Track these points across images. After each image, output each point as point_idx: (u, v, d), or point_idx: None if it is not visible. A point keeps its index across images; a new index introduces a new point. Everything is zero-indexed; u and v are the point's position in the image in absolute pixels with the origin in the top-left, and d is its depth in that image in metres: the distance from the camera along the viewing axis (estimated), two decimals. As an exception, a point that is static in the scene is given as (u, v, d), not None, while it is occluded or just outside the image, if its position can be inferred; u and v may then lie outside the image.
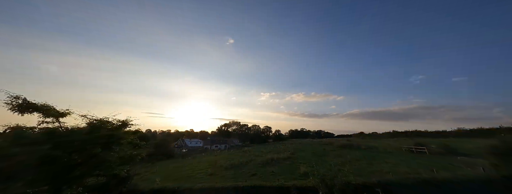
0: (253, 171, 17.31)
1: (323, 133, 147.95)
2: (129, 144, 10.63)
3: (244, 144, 78.39)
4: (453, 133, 44.04)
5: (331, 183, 8.35)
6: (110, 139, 9.50)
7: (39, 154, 7.29)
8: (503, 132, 22.92)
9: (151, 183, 13.44)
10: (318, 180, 8.79)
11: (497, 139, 13.26)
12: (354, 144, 35.12)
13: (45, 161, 7.54)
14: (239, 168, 19.67)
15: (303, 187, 9.77)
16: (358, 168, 15.84)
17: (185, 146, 68.66)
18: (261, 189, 10.23)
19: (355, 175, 10.87)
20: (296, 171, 16.28)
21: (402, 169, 14.97)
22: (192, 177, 17.13)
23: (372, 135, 64.93)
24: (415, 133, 50.95)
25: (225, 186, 10.79)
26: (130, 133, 10.70)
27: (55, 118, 8.52)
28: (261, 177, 14.93)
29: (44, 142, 7.74)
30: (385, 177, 10.28)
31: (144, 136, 25.80)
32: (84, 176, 8.49)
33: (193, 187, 11.01)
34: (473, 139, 32.18)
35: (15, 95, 7.77)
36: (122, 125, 10.11)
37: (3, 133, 8.17)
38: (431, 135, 45.26)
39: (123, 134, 10.08)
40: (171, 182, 14.92)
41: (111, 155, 9.32)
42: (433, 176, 10.52)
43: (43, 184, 7.45)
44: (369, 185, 9.40)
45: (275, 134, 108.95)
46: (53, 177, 7.58)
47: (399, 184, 9.53)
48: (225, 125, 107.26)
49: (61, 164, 7.92)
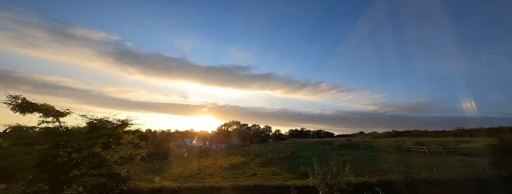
0: (253, 171, 17.33)
1: (323, 133, 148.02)
2: (129, 144, 10.65)
3: (244, 143, 78.48)
4: (452, 132, 44.07)
5: (331, 183, 8.36)
6: (110, 139, 9.53)
7: (39, 153, 7.30)
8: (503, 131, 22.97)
9: (151, 183, 13.45)
10: (318, 179, 8.80)
11: (497, 139, 13.28)
12: (354, 143, 35.16)
13: (45, 160, 7.56)
14: (239, 167, 19.68)
15: (303, 187, 9.79)
16: (358, 167, 15.85)
17: (185, 145, 68.67)
18: (261, 189, 10.25)
19: (355, 175, 10.89)
20: (296, 170, 16.29)
21: (401, 168, 14.98)
22: (192, 177, 17.15)
23: (372, 134, 64.95)
24: (415, 132, 50.99)
25: (225, 185, 10.80)
26: (130, 133, 10.70)
27: (55, 118, 8.51)
28: (261, 177, 14.95)
29: (44, 142, 7.75)
30: (385, 177, 10.29)
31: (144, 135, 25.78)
32: (84, 175, 8.50)
33: (193, 187, 11.03)
34: (473, 139, 32.22)
35: (14, 96, 7.77)
36: (122, 125, 10.12)
37: (4, 132, 8.17)
38: (431, 135, 45.33)
39: (123, 134, 10.10)
40: (171, 181, 14.94)
41: (111, 154, 9.33)
42: (433, 176, 10.54)
43: (43, 184, 7.45)
44: (369, 184, 9.43)
45: (275, 133, 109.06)
46: (53, 177, 7.59)
47: (399, 184, 9.55)
48: (225, 124, 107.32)
49: (61, 164, 7.93)
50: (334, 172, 8.69)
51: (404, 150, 26.61)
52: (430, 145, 24.76)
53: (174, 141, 72.43)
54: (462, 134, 40.35)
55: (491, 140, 14.26)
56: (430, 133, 47.38)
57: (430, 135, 45.45)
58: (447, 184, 9.49)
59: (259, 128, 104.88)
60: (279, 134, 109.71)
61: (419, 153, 23.64)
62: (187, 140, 74.21)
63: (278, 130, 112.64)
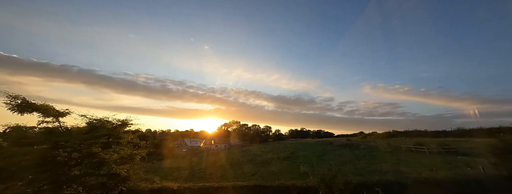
0: (253, 171, 17.33)
1: (323, 133, 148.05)
2: (129, 144, 10.64)
3: (244, 143, 78.48)
4: (452, 132, 44.08)
5: (331, 183, 8.35)
6: (109, 139, 9.52)
7: (39, 153, 7.29)
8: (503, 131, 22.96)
9: (151, 183, 13.44)
10: (318, 179, 8.79)
11: (497, 139, 13.27)
12: (354, 143, 35.17)
13: (45, 160, 7.55)
14: (239, 167, 19.69)
15: (303, 187, 9.78)
16: (358, 167, 15.84)
17: (185, 145, 68.65)
18: (261, 189, 10.24)
19: (355, 175, 10.90)
20: (296, 170, 16.30)
21: (401, 168, 14.98)
22: (192, 177, 17.15)
23: (372, 134, 64.95)
24: (414, 132, 50.99)
25: (225, 185, 10.80)
26: (130, 133, 10.70)
27: (54, 118, 8.51)
28: (261, 177, 14.94)
29: (43, 142, 7.74)
30: (385, 177, 10.29)
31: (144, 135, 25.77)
32: (84, 175, 8.49)
33: (193, 187, 11.03)
34: (473, 139, 32.23)
35: (14, 95, 7.76)
36: (122, 125, 10.11)
37: (3, 133, 8.16)
38: (430, 135, 45.32)
39: (123, 134, 10.09)
40: (171, 181, 14.91)
41: (110, 154, 9.33)
42: (433, 176, 10.54)
43: (43, 184, 7.44)
44: (369, 184, 9.42)
45: (275, 133, 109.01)
46: (53, 177, 7.58)
47: (399, 184, 9.55)
48: (225, 124, 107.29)
49: (61, 164, 7.92)
50: (334, 172, 8.69)
51: (404, 150, 26.61)
52: (430, 145, 24.74)
53: (174, 141, 72.49)
54: (462, 134, 40.34)
55: (491, 140, 14.25)
56: (430, 133, 47.36)
57: (430, 135, 45.42)
58: (447, 184, 9.49)
59: (259, 128, 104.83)
60: (279, 134, 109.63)
61: (419, 153, 23.64)
62: (187, 140, 74.22)
63: (278, 130, 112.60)
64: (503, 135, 13.12)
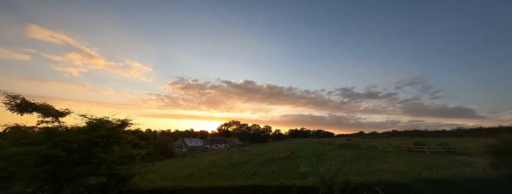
0: (253, 171, 17.30)
1: (323, 132, 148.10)
2: (129, 144, 10.64)
3: (244, 143, 78.49)
4: (452, 132, 44.11)
5: (331, 183, 8.35)
6: (109, 139, 9.52)
7: (39, 153, 7.28)
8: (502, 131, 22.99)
9: (151, 183, 13.42)
10: (318, 179, 8.79)
11: (496, 138, 13.26)
12: (354, 143, 35.14)
13: (45, 160, 7.54)
14: (239, 167, 19.67)
15: (303, 187, 9.77)
16: (358, 167, 15.81)
17: (185, 145, 68.66)
18: (261, 189, 10.23)
19: (355, 175, 10.88)
20: (296, 170, 16.27)
21: (401, 168, 14.96)
22: (192, 177, 17.12)
23: (372, 134, 64.97)
24: (414, 132, 51.03)
25: (224, 185, 10.79)
26: (130, 133, 10.70)
27: (54, 118, 8.51)
28: (261, 177, 14.92)
29: (43, 142, 7.74)
30: (385, 177, 10.28)
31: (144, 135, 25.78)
32: (84, 175, 8.49)
33: (193, 187, 11.01)
34: (473, 139, 32.22)
35: (14, 95, 7.75)
36: (122, 125, 10.11)
37: (3, 133, 8.15)
38: (430, 134, 45.33)
39: (123, 134, 10.09)
40: (171, 181, 14.90)
41: (111, 154, 9.32)
42: (433, 175, 10.54)
43: (43, 184, 7.44)
44: (369, 184, 9.41)
45: (275, 133, 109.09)
46: (53, 177, 7.58)
47: (398, 184, 9.54)
48: (225, 124, 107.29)
49: (61, 164, 7.92)
50: (334, 172, 8.68)
51: (404, 150, 26.61)
52: (430, 145, 24.74)
53: (174, 141, 72.46)
54: (462, 134, 40.35)
55: (491, 140, 14.24)
56: (430, 133, 47.39)
57: (430, 135, 45.44)
58: (446, 184, 9.49)
59: (259, 128, 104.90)
60: (279, 134, 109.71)
61: (419, 153, 23.62)
62: (187, 140, 74.25)
63: (278, 130, 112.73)
64: (503, 135, 13.13)
